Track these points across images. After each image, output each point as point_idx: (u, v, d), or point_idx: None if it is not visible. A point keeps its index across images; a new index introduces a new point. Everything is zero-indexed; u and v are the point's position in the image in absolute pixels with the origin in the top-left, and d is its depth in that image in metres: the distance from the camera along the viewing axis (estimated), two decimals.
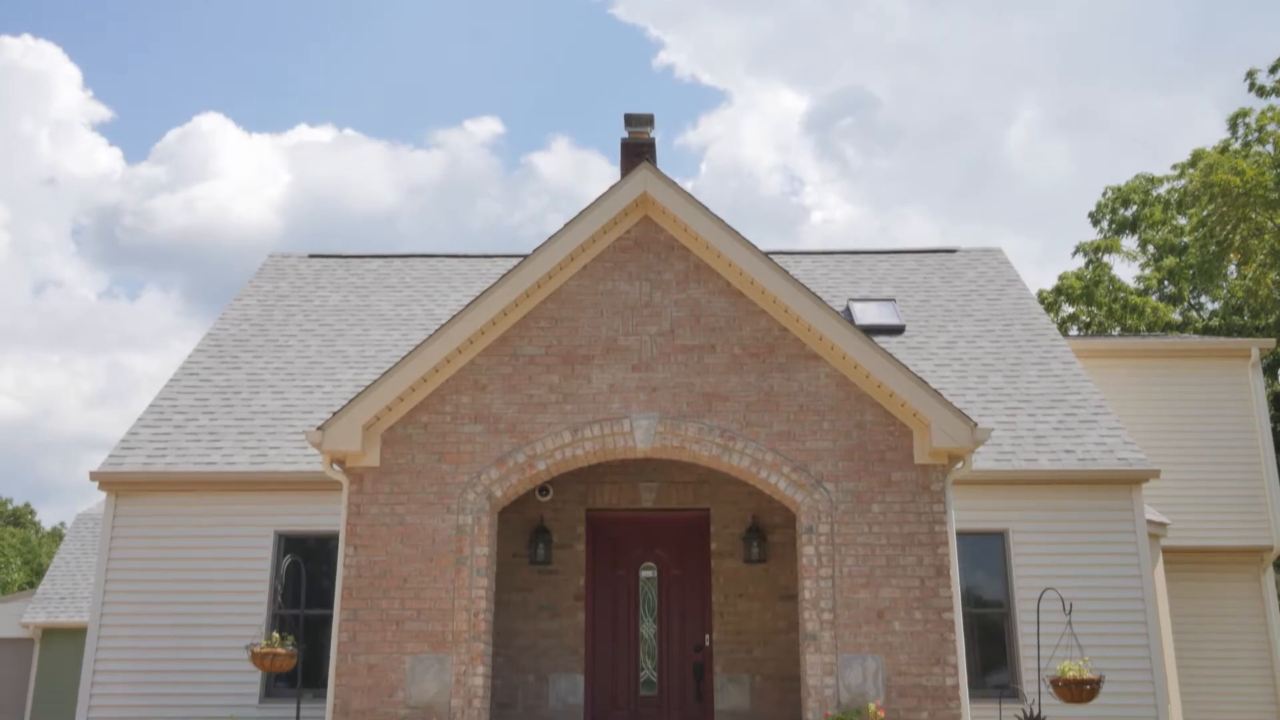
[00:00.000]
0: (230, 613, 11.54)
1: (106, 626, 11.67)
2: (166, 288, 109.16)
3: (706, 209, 10.12)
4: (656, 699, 11.32)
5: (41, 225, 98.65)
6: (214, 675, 11.39)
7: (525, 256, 10.23)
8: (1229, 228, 24.08)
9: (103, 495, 12.21)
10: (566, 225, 10.15)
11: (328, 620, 10.73)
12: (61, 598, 24.83)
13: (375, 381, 9.83)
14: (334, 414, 9.82)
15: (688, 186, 10.23)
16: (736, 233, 10.05)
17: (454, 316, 10.01)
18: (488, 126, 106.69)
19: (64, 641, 23.71)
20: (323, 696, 10.51)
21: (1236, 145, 26.79)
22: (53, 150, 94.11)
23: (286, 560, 10.96)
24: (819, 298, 9.96)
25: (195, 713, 11.02)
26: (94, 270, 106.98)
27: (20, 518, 55.56)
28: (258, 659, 9.41)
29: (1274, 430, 21.40)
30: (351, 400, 9.81)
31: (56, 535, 53.21)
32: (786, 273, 10.00)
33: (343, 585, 9.58)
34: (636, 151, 11.08)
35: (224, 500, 12.05)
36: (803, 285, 9.97)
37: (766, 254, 10.11)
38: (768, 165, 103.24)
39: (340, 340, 15.02)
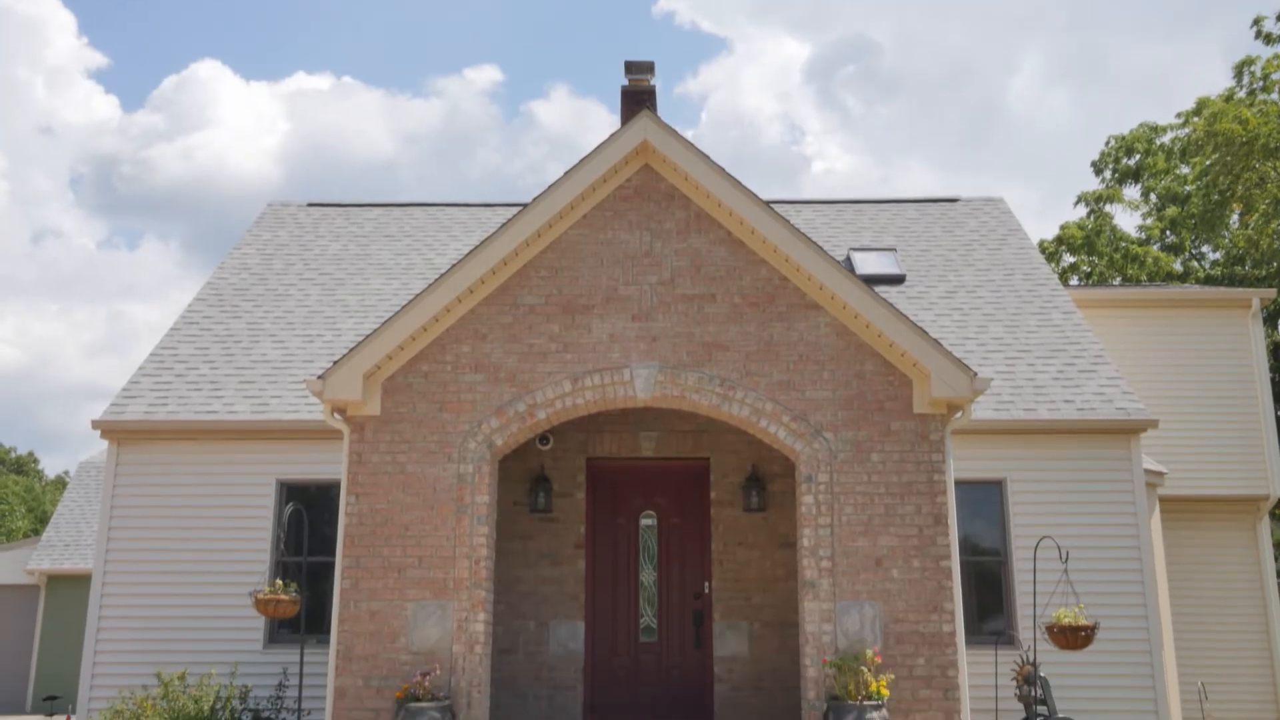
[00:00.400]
0: (233, 560, 11.63)
1: (110, 574, 11.77)
2: (165, 237, 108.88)
3: (707, 157, 10.06)
4: (656, 645, 11.45)
5: (39, 174, 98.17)
6: (218, 621, 11.51)
7: (525, 205, 10.19)
8: (1232, 177, 23.97)
9: (105, 444, 12.26)
10: (566, 174, 10.09)
11: (330, 567, 10.82)
12: (66, 544, 25.04)
13: (376, 330, 9.83)
14: (335, 363, 9.84)
15: (688, 136, 10.17)
16: (737, 181, 10.01)
17: (454, 265, 9.99)
18: (487, 74, 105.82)
19: (69, 588, 23.94)
20: (326, 642, 10.62)
21: (1242, 94, 26.58)
22: (49, 98, 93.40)
23: (288, 508, 11.02)
24: (819, 247, 9.93)
25: (200, 658, 11.13)
26: (92, 219, 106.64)
27: (23, 466, 55.80)
28: (261, 605, 9.50)
29: (1273, 380, 21.45)
30: (352, 349, 9.82)
31: (60, 483, 53.48)
32: (787, 222, 9.96)
33: (344, 533, 9.65)
34: (637, 99, 10.99)
35: (226, 449, 12.11)
36: (803, 234, 9.94)
37: (767, 203, 10.06)
38: (768, 114, 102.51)
39: (340, 289, 15.00)
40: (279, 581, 9.82)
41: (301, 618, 10.63)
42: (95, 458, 28.01)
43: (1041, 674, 10.90)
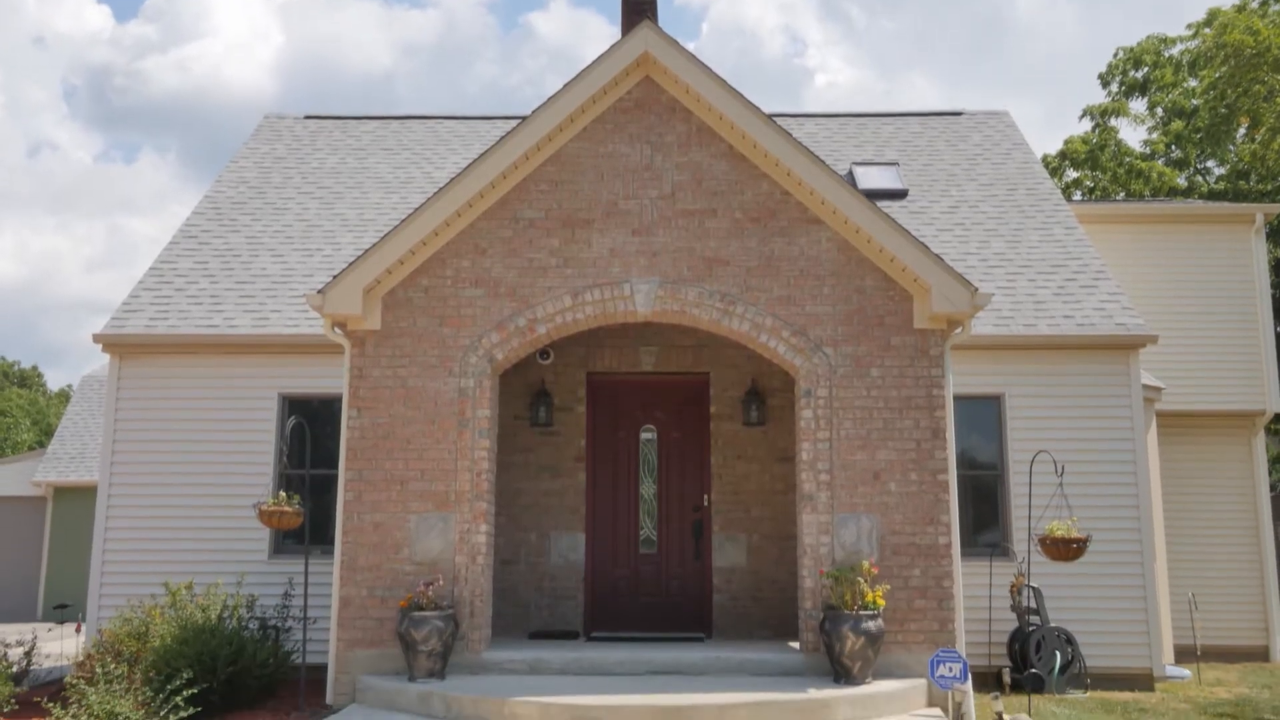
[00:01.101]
0: (237, 473, 11.74)
1: (116, 486, 11.88)
2: (162, 150, 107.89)
3: (709, 69, 9.93)
4: (655, 556, 11.62)
5: (32, 86, 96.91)
6: (224, 533, 11.66)
7: (524, 118, 10.08)
8: (1240, 90, 23.67)
9: (107, 357, 12.29)
10: (566, 86, 9.97)
11: (333, 480, 10.92)
12: (71, 457, 25.25)
13: (375, 245, 9.80)
14: (334, 277, 9.82)
15: (689, 48, 10.02)
16: (739, 94, 9.89)
17: (453, 179, 9.92)
18: None
19: (75, 499, 24.21)
20: (330, 553, 10.77)
21: (1254, 4, 26.12)
22: (40, 7, 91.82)
23: (291, 421, 11.10)
24: (821, 161, 9.85)
25: (207, 568, 11.30)
26: (88, 132, 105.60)
27: (27, 379, 56.02)
28: (265, 517, 9.61)
29: (1273, 296, 21.43)
30: (351, 264, 9.80)
31: (64, 396, 53.72)
32: (789, 135, 9.87)
33: (347, 447, 9.73)
34: (637, 9, 10.80)
35: (227, 363, 12.15)
36: (805, 148, 9.86)
37: (769, 116, 9.95)
38: (770, 26, 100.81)
39: (339, 203, 14.92)
40: (282, 494, 9.90)
41: (305, 529, 10.76)
42: (98, 371, 28.12)
43: (1034, 585, 11.09)
